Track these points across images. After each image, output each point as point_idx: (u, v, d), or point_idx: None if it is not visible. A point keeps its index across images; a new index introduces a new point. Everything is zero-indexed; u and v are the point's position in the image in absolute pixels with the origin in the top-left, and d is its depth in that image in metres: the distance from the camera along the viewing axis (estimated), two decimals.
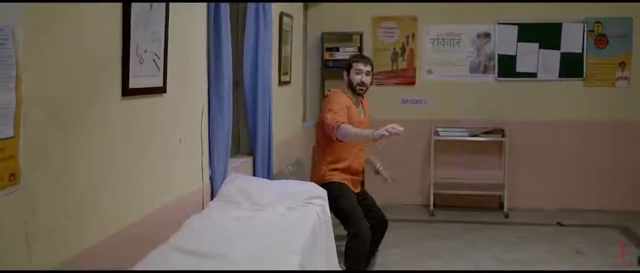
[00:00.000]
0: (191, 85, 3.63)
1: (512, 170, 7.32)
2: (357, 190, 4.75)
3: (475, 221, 7.01)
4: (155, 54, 3.05)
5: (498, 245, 6.10)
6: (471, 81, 7.49)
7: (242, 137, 5.06)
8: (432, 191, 7.31)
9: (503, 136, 7.20)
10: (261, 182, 4.10)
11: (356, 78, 4.59)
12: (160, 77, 3.13)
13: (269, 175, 4.90)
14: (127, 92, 2.81)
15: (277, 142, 5.28)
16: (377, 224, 4.72)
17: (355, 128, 4.31)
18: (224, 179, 4.00)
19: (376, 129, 4.05)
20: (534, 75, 7.39)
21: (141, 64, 2.92)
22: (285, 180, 4.65)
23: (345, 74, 4.66)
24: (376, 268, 5.31)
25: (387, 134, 3.88)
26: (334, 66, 7.30)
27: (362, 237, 4.40)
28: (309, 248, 3.22)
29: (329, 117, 4.36)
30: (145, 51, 2.94)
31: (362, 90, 4.63)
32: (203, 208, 3.75)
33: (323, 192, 3.96)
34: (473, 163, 7.53)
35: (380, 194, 7.35)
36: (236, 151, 5.06)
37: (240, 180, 3.98)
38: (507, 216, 7.15)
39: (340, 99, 4.56)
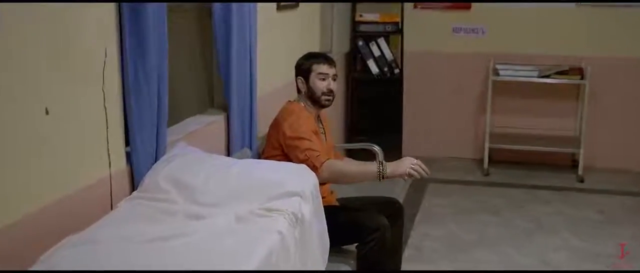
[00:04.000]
0: (66, 14, 2.20)
1: (590, 121, 5.89)
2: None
3: (541, 186, 5.62)
4: None
5: (572, 226, 4.70)
6: (543, 6, 6.01)
7: (216, 86, 3.66)
8: (487, 144, 5.97)
9: (582, 78, 5.75)
10: (212, 166, 2.64)
11: (321, 85, 3.34)
12: None
13: (250, 140, 3.53)
14: None
15: (270, 91, 3.91)
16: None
17: (347, 165, 3.32)
18: (156, 160, 2.64)
19: (381, 162, 3.07)
20: None
21: None
22: (254, 160, 3.27)
23: (300, 81, 3.38)
24: (408, 255, 4.10)
25: (410, 175, 3.01)
26: None
27: (381, 230, 3.10)
28: None
29: (302, 151, 3.12)
30: None
31: (329, 101, 3.39)
32: (111, 209, 2.42)
33: (306, 183, 2.55)
34: (541, 110, 6.17)
35: (419, 145, 6.27)
36: (210, 104, 3.69)
37: (178, 163, 2.60)
38: (582, 180, 5.69)
39: (307, 120, 3.28)
